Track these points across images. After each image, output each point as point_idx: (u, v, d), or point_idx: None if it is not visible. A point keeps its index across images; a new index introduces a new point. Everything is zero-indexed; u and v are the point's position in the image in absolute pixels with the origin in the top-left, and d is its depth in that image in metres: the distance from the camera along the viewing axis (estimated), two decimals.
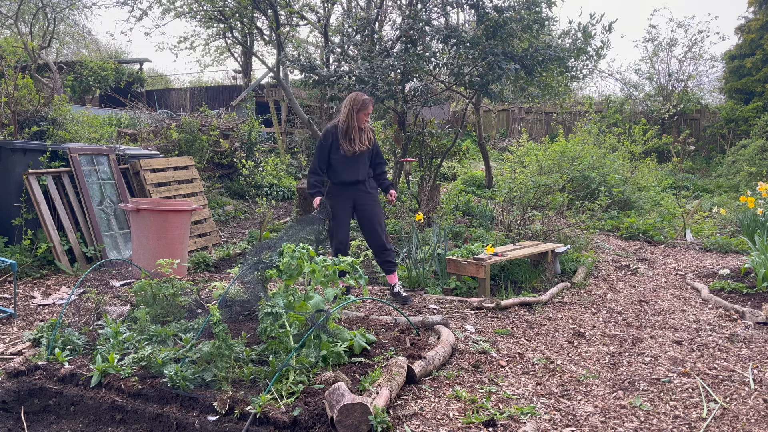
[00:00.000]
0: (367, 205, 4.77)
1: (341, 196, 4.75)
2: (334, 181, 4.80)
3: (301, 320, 3.23)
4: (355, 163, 4.71)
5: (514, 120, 19.77)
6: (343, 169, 4.71)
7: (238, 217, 9.07)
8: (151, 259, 4.90)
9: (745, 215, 7.82)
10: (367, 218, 4.77)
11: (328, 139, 4.71)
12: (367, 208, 4.76)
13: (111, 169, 6.48)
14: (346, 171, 4.71)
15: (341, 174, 4.72)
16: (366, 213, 4.76)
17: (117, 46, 25.28)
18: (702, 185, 13.91)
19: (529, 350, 3.79)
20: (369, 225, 4.77)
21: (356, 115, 4.64)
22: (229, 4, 9.62)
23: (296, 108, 9.45)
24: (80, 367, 3.20)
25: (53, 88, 10.35)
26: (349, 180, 4.72)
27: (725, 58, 18.00)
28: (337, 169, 4.73)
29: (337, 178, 4.76)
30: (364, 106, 4.64)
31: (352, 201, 4.76)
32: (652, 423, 2.82)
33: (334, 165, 4.74)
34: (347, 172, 4.71)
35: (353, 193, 4.75)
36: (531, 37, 7.49)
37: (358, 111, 4.64)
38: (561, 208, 8.48)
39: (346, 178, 4.71)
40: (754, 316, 4.45)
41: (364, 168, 4.77)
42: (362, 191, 4.76)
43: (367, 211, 4.76)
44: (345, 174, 4.71)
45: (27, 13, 14.00)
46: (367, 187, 4.80)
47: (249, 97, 16.32)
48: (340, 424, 2.52)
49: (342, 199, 4.75)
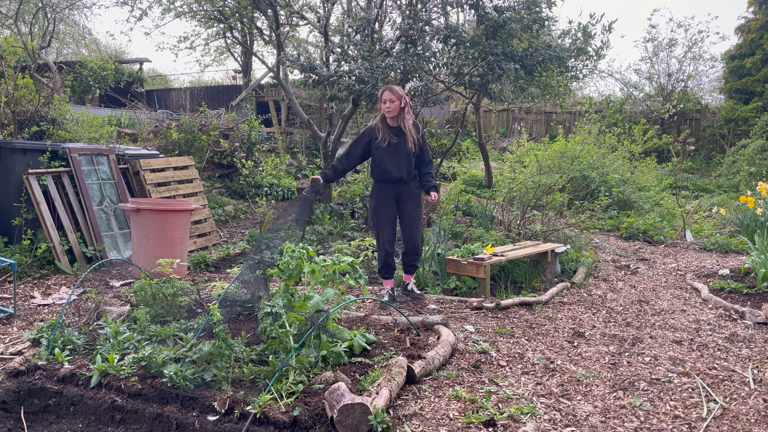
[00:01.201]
0: (409, 205, 4.67)
1: (382, 197, 4.67)
2: (375, 177, 4.74)
3: (301, 320, 3.23)
4: (396, 160, 4.58)
5: (514, 120, 19.77)
6: (382, 164, 4.59)
7: (238, 217, 9.07)
8: (151, 259, 4.90)
9: (745, 215, 7.82)
10: (407, 221, 4.68)
11: (367, 132, 4.67)
12: (407, 208, 4.67)
13: (111, 169, 6.48)
14: (386, 166, 4.58)
15: (380, 168, 4.61)
16: (407, 215, 4.67)
17: (117, 46, 25.28)
18: (702, 185, 13.91)
19: (529, 350, 3.79)
20: (408, 227, 4.69)
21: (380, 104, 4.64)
22: (229, 4, 9.62)
23: (296, 108, 9.45)
24: (80, 367, 3.20)
25: (53, 88, 10.35)
26: (390, 176, 4.60)
27: (725, 58, 18.00)
28: (376, 162, 4.64)
29: (377, 174, 4.68)
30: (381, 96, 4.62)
31: (395, 202, 4.66)
32: (652, 423, 2.82)
33: (374, 159, 4.66)
34: (387, 168, 4.58)
35: (395, 192, 4.64)
36: (531, 37, 7.49)
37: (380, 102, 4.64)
38: (561, 208, 8.48)
39: (385, 174, 4.60)
40: (754, 316, 4.45)
41: (406, 166, 4.62)
42: (405, 191, 4.66)
43: (408, 212, 4.67)
44: (385, 169, 4.59)
45: (27, 13, 13.99)
46: (411, 186, 4.68)
47: (249, 97, 16.32)
48: (340, 424, 2.52)
49: (382, 201, 4.66)
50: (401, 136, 4.58)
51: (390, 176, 4.60)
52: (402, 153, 4.57)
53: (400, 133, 4.59)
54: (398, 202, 4.66)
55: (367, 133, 4.68)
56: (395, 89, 4.56)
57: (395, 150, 4.57)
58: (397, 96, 4.53)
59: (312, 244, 7.03)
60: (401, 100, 4.55)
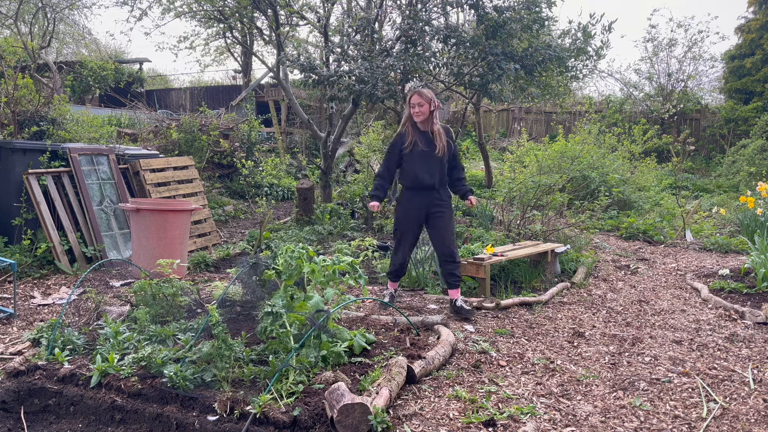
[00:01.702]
0: (440, 212, 4.43)
1: (411, 205, 4.45)
2: (405, 184, 4.50)
3: (301, 320, 3.23)
4: (427, 166, 4.36)
5: (514, 120, 19.77)
6: (413, 170, 4.38)
7: (238, 217, 9.08)
8: (151, 259, 4.90)
9: (745, 215, 7.83)
10: (438, 226, 4.44)
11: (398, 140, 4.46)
12: (439, 215, 4.43)
13: (111, 169, 6.48)
14: (417, 172, 4.37)
15: (410, 175, 4.40)
16: (438, 221, 4.43)
17: (117, 46, 25.26)
18: (702, 185, 13.91)
19: (529, 350, 3.79)
20: (439, 233, 4.44)
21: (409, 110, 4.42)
22: (229, 4, 9.62)
23: (296, 108, 9.45)
24: (80, 367, 3.20)
25: (53, 88, 10.36)
26: (420, 184, 4.38)
27: (725, 58, 18.00)
28: (406, 169, 4.42)
29: (407, 180, 4.46)
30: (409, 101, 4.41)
31: (424, 211, 4.44)
32: (652, 423, 2.82)
33: (404, 165, 4.45)
34: (418, 174, 4.36)
35: (425, 201, 4.42)
36: (531, 37, 7.49)
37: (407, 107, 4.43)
38: (561, 208, 8.48)
39: (416, 181, 4.38)
40: (754, 316, 4.45)
41: (438, 172, 4.40)
42: (436, 198, 4.42)
43: (439, 218, 4.43)
44: (415, 176, 4.37)
45: (27, 13, 13.99)
46: (442, 194, 4.45)
47: (249, 97, 16.32)
48: (340, 424, 2.52)
49: (411, 209, 4.45)
50: (432, 141, 4.39)
51: (421, 183, 4.39)
52: (434, 159, 4.37)
53: (431, 138, 4.40)
54: (428, 210, 4.44)
55: (397, 141, 4.48)
56: (424, 92, 4.37)
57: (426, 156, 4.37)
58: (427, 99, 4.34)
59: (312, 244, 7.03)
60: (431, 104, 4.36)
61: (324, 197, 9.09)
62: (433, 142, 4.37)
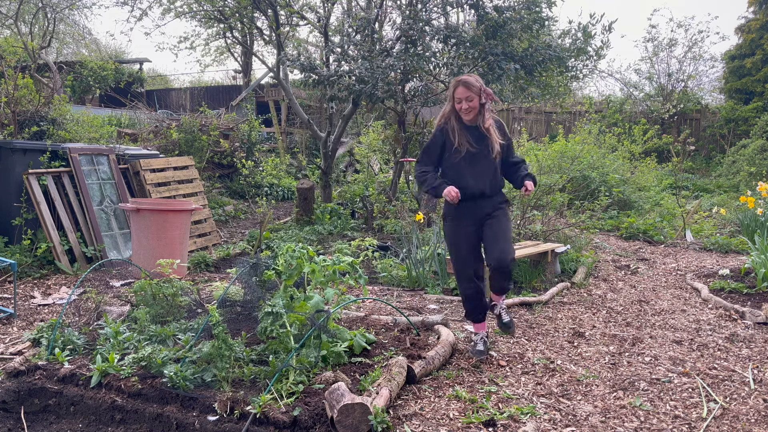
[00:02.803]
0: (496, 217, 3.54)
1: (462, 215, 3.56)
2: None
3: (301, 320, 3.23)
4: (477, 170, 3.51)
5: (514, 120, 19.76)
6: (459, 176, 3.51)
7: (238, 217, 9.08)
8: (151, 259, 4.90)
9: (745, 215, 7.82)
10: (493, 232, 3.51)
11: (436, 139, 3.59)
12: (494, 221, 3.53)
13: (111, 169, 6.48)
14: (463, 178, 3.50)
15: (456, 181, 3.49)
16: (493, 226, 3.52)
17: (117, 46, 25.26)
18: (702, 185, 13.90)
19: (529, 350, 3.79)
20: (493, 238, 3.50)
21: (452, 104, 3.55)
22: (229, 4, 9.63)
23: (296, 108, 9.45)
24: (80, 367, 3.20)
25: (53, 88, 10.36)
26: (469, 192, 3.48)
27: (725, 58, 18.00)
28: (451, 174, 3.55)
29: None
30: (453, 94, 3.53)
31: (478, 220, 3.55)
32: (652, 423, 2.82)
33: (447, 169, 3.57)
34: (465, 180, 3.49)
35: (478, 209, 3.54)
36: (531, 37, 7.50)
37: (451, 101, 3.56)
38: (561, 208, 8.47)
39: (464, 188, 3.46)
40: (754, 316, 4.45)
41: (490, 177, 3.53)
42: (488, 206, 3.55)
43: (494, 223, 3.53)
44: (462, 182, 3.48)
45: (27, 13, 13.99)
46: (495, 201, 3.58)
47: (249, 97, 16.32)
48: (340, 424, 2.52)
49: (464, 219, 3.56)
50: (482, 139, 3.51)
51: (470, 191, 3.48)
52: (485, 161, 3.51)
53: (481, 135, 3.51)
54: (481, 220, 3.56)
55: (438, 137, 3.58)
56: (471, 82, 3.44)
57: (476, 158, 3.50)
58: (476, 92, 3.43)
59: (312, 244, 7.03)
60: (481, 95, 3.46)
61: (324, 197, 9.09)
62: (485, 140, 3.51)
